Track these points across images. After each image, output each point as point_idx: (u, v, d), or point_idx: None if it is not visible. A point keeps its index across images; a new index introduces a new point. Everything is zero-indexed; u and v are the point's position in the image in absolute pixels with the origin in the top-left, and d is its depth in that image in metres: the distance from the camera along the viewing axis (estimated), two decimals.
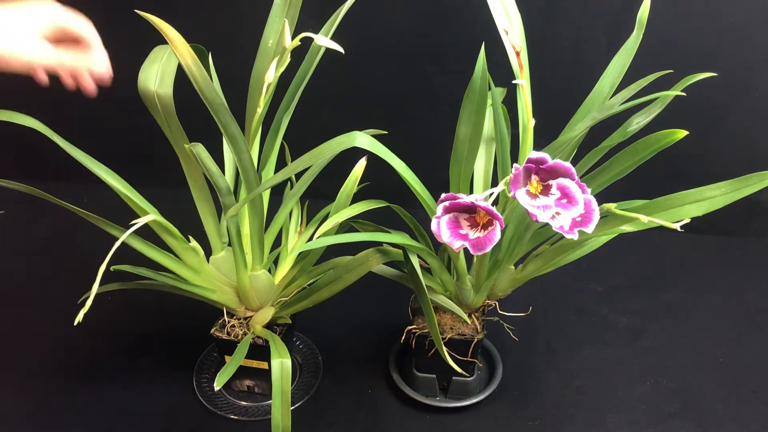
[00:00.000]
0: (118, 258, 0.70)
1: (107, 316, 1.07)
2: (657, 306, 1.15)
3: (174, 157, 0.77)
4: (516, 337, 1.01)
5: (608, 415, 0.93)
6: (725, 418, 0.93)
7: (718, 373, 1.01)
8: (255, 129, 0.78)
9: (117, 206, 0.80)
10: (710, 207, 0.70)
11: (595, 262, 1.16)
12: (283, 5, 0.75)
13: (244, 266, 0.83)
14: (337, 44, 0.63)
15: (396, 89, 1.33)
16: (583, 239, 0.82)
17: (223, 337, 0.89)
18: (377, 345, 1.04)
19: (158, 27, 0.63)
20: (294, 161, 0.67)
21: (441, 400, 0.94)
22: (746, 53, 1.20)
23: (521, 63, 0.74)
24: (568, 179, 0.61)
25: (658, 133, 0.68)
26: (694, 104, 1.17)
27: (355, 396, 0.96)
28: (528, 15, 0.79)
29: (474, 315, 0.90)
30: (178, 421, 0.92)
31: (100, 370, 1.00)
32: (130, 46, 0.79)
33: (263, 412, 0.93)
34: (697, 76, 0.76)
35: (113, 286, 0.82)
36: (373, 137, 0.69)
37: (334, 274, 0.84)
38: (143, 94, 0.72)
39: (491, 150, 0.88)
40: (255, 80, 0.77)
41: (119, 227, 0.79)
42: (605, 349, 1.06)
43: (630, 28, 0.79)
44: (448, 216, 0.62)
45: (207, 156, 0.72)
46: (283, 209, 0.86)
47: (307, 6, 0.75)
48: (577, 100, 0.82)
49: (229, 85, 0.87)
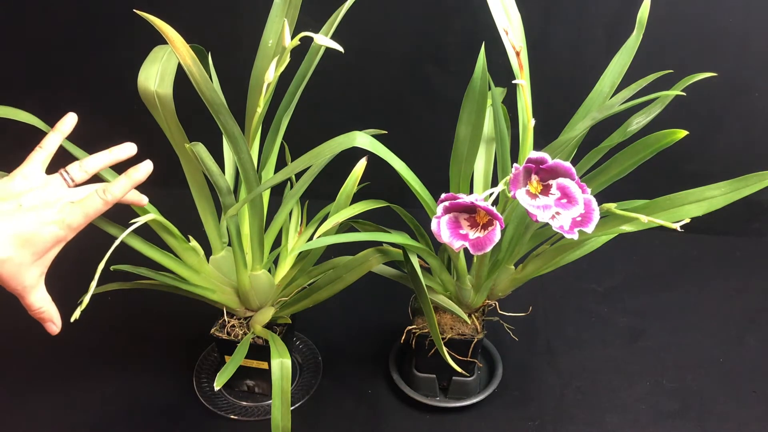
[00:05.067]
0: (117, 257, 0.70)
1: (107, 315, 1.07)
2: (657, 306, 1.15)
3: (174, 157, 0.77)
4: (516, 337, 1.01)
5: (608, 415, 0.93)
6: (725, 418, 0.93)
7: (718, 373, 1.01)
8: (255, 129, 0.78)
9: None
10: (710, 207, 0.70)
11: (595, 262, 1.16)
12: (283, 5, 0.75)
13: (244, 266, 0.83)
14: (337, 44, 0.63)
15: (396, 89, 1.33)
16: (583, 239, 0.81)
17: (223, 337, 0.89)
18: (377, 345, 1.04)
19: (158, 27, 0.63)
20: (294, 161, 0.67)
21: (441, 400, 0.93)
22: (746, 53, 1.20)
23: (521, 63, 0.74)
24: (568, 179, 0.61)
25: (658, 133, 0.68)
26: (694, 104, 1.17)
27: (355, 396, 0.96)
28: (528, 15, 0.79)
29: (474, 315, 0.90)
30: (178, 421, 0.92)
31: (99, 369, 1.00)
32: (130, 46, 0.79)
33: (263, 412, 0.93)
34: (697, 76, 0.76)
35: (112, 286, 0.82)
36: (373, 137, 0.69)
37: (334, 274, 0.84)
38: (143, 93, 0.72)
39: (491, 150, 0.88)
40: (255, 80, 0.77)
41: (119, 226, 0.78)
42: (605, 349, 1.06)
43: (630, 28, 0.78)
44: (448, 216, 0.62)
45: (207, 155, 0.72)
46: (283, 209, 0.86)
47: (307, 6, 0.75)
48: (577, 100, 0.82)
49: (229, 85, 0.87)
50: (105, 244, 0.69)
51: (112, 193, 0.63)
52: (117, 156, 0.69)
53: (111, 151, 0.69)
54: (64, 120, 0.69)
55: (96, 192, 0.63)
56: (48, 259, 0.62)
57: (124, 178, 0.64)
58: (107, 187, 0.63)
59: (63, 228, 0.61)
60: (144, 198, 0.72)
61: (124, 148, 0.69)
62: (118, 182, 0.64)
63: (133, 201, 0.71)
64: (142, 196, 0.72)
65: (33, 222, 0.59)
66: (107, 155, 0.68)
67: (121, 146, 0.69)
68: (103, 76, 1.38)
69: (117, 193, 0.63)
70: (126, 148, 0.69)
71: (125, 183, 0.64)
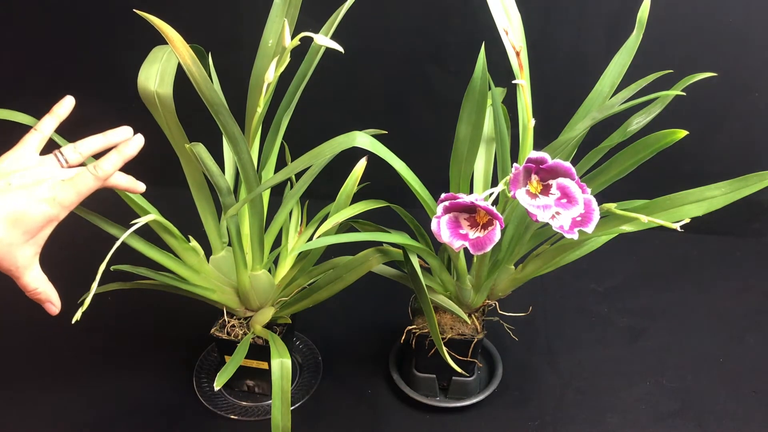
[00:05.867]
0: (117, 258, 0.70)
1: (107, 316, 1.07)
2: (657, 306, 1.15)
3: (174, 157, 0.77)
4: (516, 337, 1.01)
5: (608, 415, 0.93)
6: (725, 418, 0.93)
7: (718, 373, 1.01)
8: (255, 129, 0.78)
9: (117, 206, 0.80)
10: (710, 207, 0.70)
11: (595, 262, 1.16)
12: (283, 5, 0.75)
13: (244, 266, 0.83)
14: (337, 44, 0.63)
15: (396, 89, 1.33)
16: (583, 239, 0.81)
17: (223, 337, 0.89)
18: (377, 345, 1.04)
19: (158, 27, 0.63)
20: (294, 161, 0.67)
21: (441, 400, 0.93)
22: (746, 53, 1.20)
23: (521, 63, 0.74)
24: (568, 179, 0.61)
25: (658, 133, 0.68)
26: (694, 104, 1.17)
27: (355, 396, 0.96)
28: (528, 15, 0.79)
29: (474, 315, 0.90)
30: (178, 421, 0.92)
31: (99, 370, 1.00)
32: (130, 46, 0.79)
33: (263, 412, 0.93)
34: (697, 76, 0.76)
35: (113, 286, 0.82)
36: (373, 137, 0.69)
37: (334, 274, 0.84)
38: (143, 93, 0.72)
39: (491, 150, 0.88)
40: (255, 80, 0.77)
41: (119, 227, 0.79)
42: (605, 349, 1.06)
43: (630, 28, 0.78)
44: (448, 216, 0.62)
45: (207, 156, 0.72)
46: (283, 209, 0.86)
47: (307, 6, 0.75)
48: (577, 100, 0.82)
49: (229, 85, 0.87)
50: (105, 245, 0.69)
51: (103, 169, 0.61)
52: (112, 139, 0.67)
53: (106, 135, 0.67)
54: (61, 103, 0.67)
55: (87, 169, 0.61)
56: (41, 239, 0.61)
57: (114, 154, 0.63)
58: (98, 163, 0.62)
59: (54, 206, 0.59)
60: (140, 185, 0.69)
61: (119, 132, 0.67)
62: (109, 158, 0.62)
63: (128, 187, 0.68)
64: (139, 182, 0.69)
65: (23, 200, 0.58)
66: (102, 138, 0.67)
67: (116, 130, 0.67)
68: (103, 76, 1.38)
69: (108, 168, 0.62)
70: (121, 132, 0.67)
71: (116, 158, 0.62)
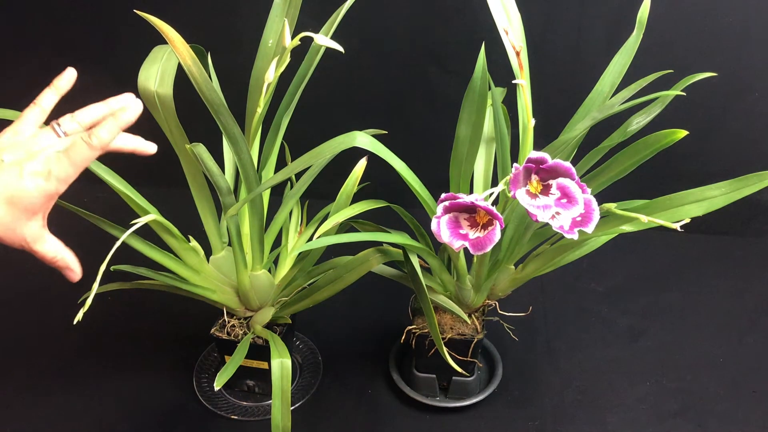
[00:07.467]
0: (118, 258, 0.70)
1: (107, 316, 1.07)
2: (657, 306, 1.15)
3: (174, 157, 0.77)
4: (516, 337, 1.01)
5: (608, 415, 0.93)
6: (725, 418, 0.93)
7: (718, 373, 1.01)
8: (255, 129, 0.78)
9: (117, 206, 0.80)
10: (710, 207, 0.70)
11: (595, 262, 1.17)
12: (283, 5, 0.75)
13: (244, 266, 0.83)
14: (337, 44, 0.63)
15: (396, 89, 1.33)
16: (583, 239, 0.81)
17: (223, 337, 0.89)
18: (377, 345, 1.04)
19: (158, 27, 0.63)
20: (294, 161, 0.67)
21: (441, 400, 0.93)
22: (746, 53, 1.20)
23: (521, 63, 0.74)
24: (568, 179, 0.61)
25: (658, 133, 0.68)
26: (694, 104, 1.17)
27: (355, 396, 0.96)
28: (528, 15, 0.79)
29: (474, 315, 0.90)
30: (178, 421, 0.92)
31: (99, 370, 1.00)
32: (130, 46, 0.79)
33: (263, 412, 0.93)
34: (697, 76, 0.76)
35: (113, 286, 0.83)
36: (373, 137, 0.69)
37: (334, 274, 0.84)
38: (143, 93, 0.72)
39: (491, 150, 0.88)
40: (255, 80, 0.77)
41: (119, 227, 0.79)
42: (605, 349, 1.06)
43: (630, 28, 0.78)
44: (448, 216, 0.62)
45: (208, 156, 0.72)
46: (283, 209, 0.86)
47: (307, 6, 0.75)
48: (577, 100, 0.82)
49: (229, 85, 0.87)
50: (105, 245, 0.69)
51: (99, 137, 0.56)
52: (113, 107, 0.62)
53: (107, 102, 0.62)
54: (61, 75, 0.62)
55: (81, 137, 0.55)
56: (45, 211, 0.57)
57: (110, 120, 0.57)
58: (94, 131, 0.56)
59: (49, 180, 0.55)
60: (150, 145, 0.63)
61: (121, 99, 0.62)
62: (105, 125, 0.56)
63: (135, 149, 0.62)
64: (148, 142, 0.63)
65: (15, 178, 0.54)
66: (103, 107, 0.62)
67: (118, 97, 0.62)
68: (103, 76, 1.38)
69: (105, 136, 0.56)
70: (123, 99, 0.62)
71: (112, 125, 0.56)
